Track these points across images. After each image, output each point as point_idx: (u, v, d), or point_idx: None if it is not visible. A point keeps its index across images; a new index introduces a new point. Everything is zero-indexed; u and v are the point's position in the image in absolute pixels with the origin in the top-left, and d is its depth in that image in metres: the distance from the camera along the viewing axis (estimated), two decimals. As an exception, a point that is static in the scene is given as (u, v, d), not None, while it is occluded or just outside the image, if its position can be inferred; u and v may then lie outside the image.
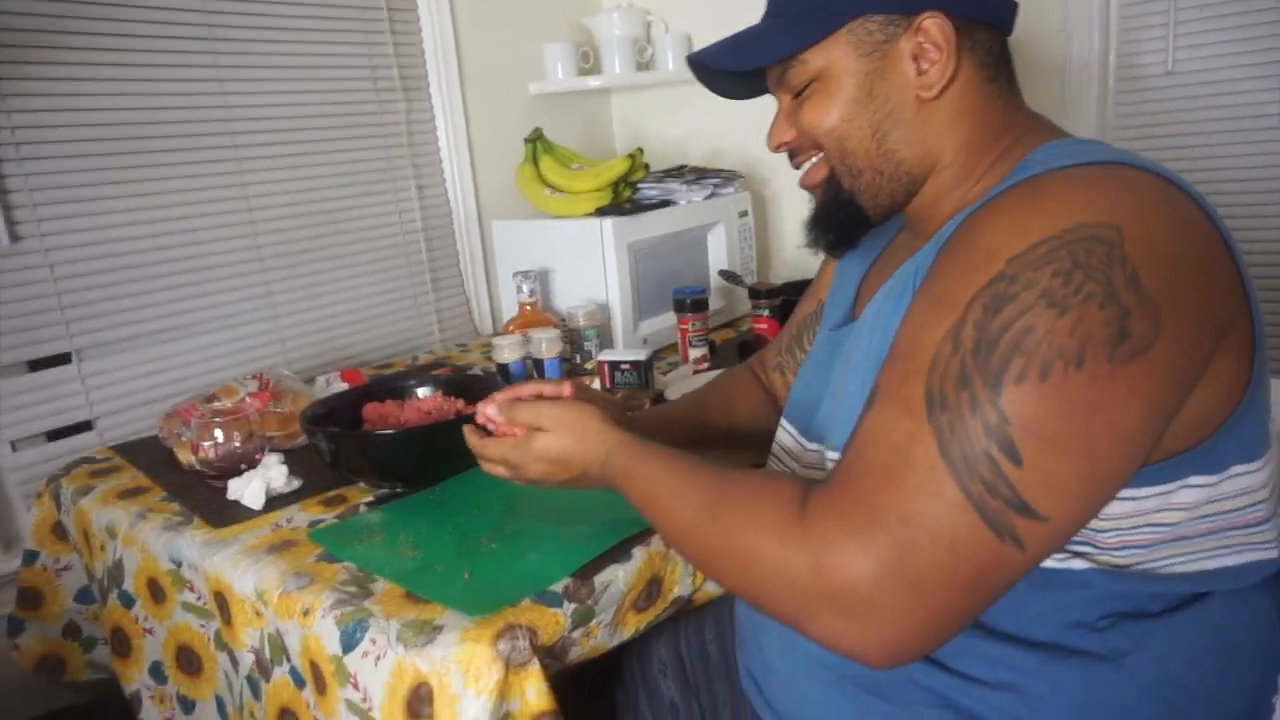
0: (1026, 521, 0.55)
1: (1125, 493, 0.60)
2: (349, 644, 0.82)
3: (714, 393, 1.09)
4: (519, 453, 0.83)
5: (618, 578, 0.88)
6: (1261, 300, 0.64)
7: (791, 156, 0.80)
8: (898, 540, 0.55)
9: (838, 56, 0.72)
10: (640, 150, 1.72)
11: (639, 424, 0.98)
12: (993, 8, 0.72)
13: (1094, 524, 0.61)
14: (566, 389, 0.89)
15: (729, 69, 0.78)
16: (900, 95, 0.72)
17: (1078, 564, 0.62)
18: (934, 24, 0.69)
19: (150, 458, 1.29)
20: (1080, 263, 0.55)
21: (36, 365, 1.39)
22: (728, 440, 1.04)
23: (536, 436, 0.82)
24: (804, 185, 0.80)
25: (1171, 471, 0.60)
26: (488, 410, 0.88)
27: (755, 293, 1.55)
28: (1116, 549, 0.62)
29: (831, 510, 0.59)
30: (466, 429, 0.90)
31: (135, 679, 1.13)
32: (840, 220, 0.77)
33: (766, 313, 1.54)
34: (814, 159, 0.77)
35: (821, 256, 1.01)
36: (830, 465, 0.76)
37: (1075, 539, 0.62)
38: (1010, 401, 0.54)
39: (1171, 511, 0.61)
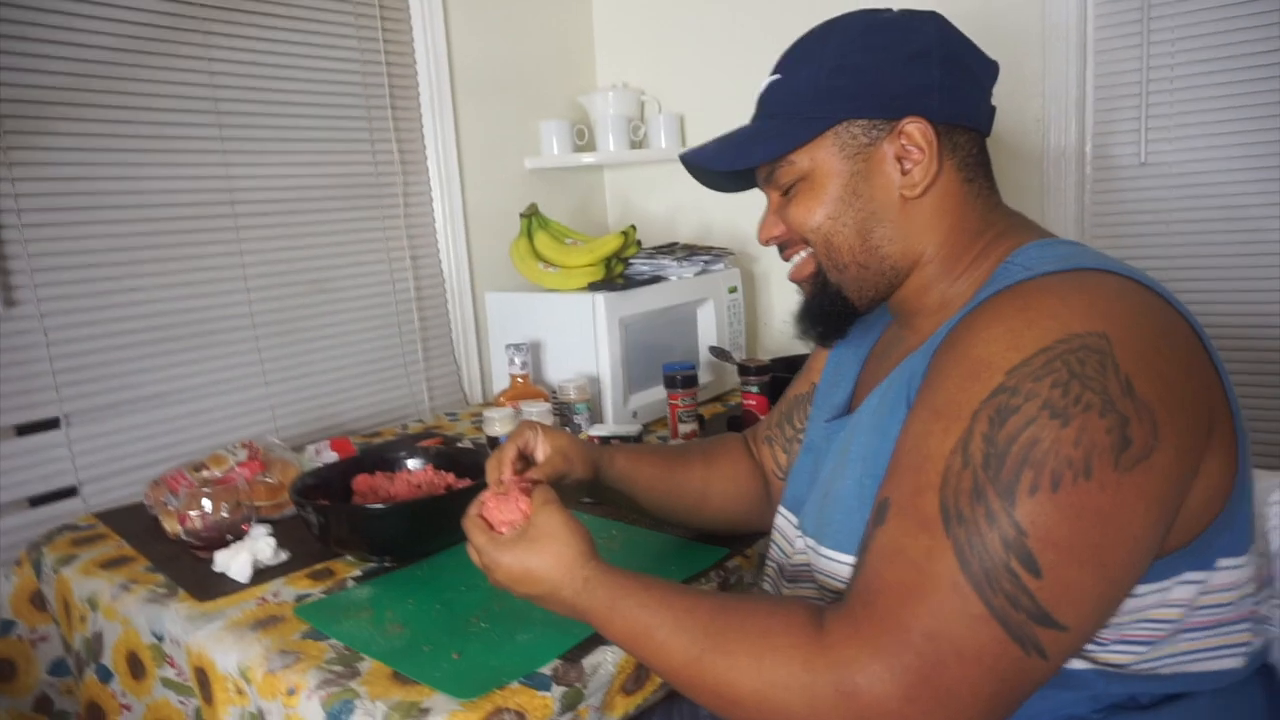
0: (1048, 631, 0.56)
1: None
2: (334, 726, 0.81)
3: (700, 447, 1.11)
4: (494, 552, 0.79)
5: (606, 660, 0.87)
6: (1241, 390, 0.67)
7: (781, 249, 0.84)
8: (925, 658, 0.56)
9: (824, 158, 0.76)
10: (633, 227, 1.76)
11: (615, 459, 1.00)
12: (972, 112, 0.77)
13: None
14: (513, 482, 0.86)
15: (722, 169, 0.81)
16: (884, 195, 0.75)
17: (1078, 664, 0.63)
18: (916, 128, 0.73)
19: (136, 526, 1.28)
20: (1076, 373, 0.57)
21: (24, 430, 1.38)
22: (701, 495, 1.05)
23: (515, 542, 0.79)
24: (793, 279, 0.83)
25: (1167, 569, 0.62)
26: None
27: (744, 369, 1.57)
28: (1114, 644, 0.63)
29: (855, 632, 0.59)
30: (479, 498, 0.87)
31: (108, 757, 1.10)
32: (829, 312, 0.81)
33: (755, 389, 1.56)
34: (802, 254, 0.81)
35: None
36: (821, 561, 0.77)
37: None
38: (1025, 513, 0.56)
39: (1168, 608, 0.63)
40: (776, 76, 0.80)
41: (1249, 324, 1.63)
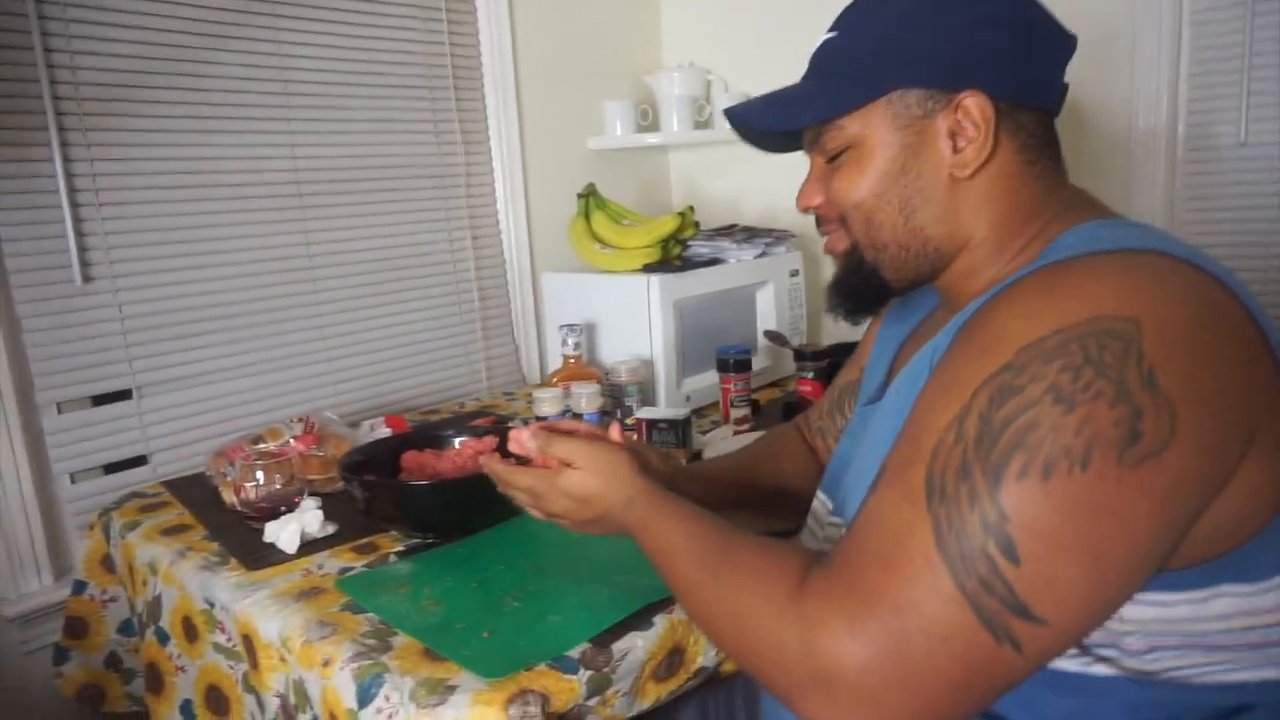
0: (1025, 624, 0.53)
1: (1151, 597, 0.57)
2: (364, 699, 0.81)
3: (762, 450, 1.08)
4: (546, 484, 0.82)
5: (637, 646, 0.86)
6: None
7: (818, 222, 0.80)
8: (889, 630, 0.54)
9: (874, 126, 0.71)
10: (691, 208, 1.73)
11: (685, 475, 0.98)
12: (1038, 91, 0.71)
13: (1117, 626, 0.58)
14: (614, 431, 0.89)
15: (765, 128, 0.78)
16: (933, 173, 0.71)
17: (1102, 669, 0.59)
18: (974, 103, 0.68)
19: (197, 495, 1.32)
20: (1091, 358, 0.53)
21: (99, 400, 1.44)
22: (777, 496, 1.02)
23: (565, 472, 0.81)
24: (828, 251, 0.80)
25: (1202, 578, 0.57)
26: (522, 436, 0.86)
27: (800, 354, 1.53)
28: (1144, 654, 0.59)
29: (827, 591, 0.58)
30: (491, 458, 0.90)
31: (166, 716, 1.15)
32: (861, 290, 0.77)
33: (811, 375, 1.52)
34: (838, 229, 0.77)
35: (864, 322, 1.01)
36: None
37: (1099, 642, 0.59)
38: (1010, 498, 0.53)
39: (1206, 622, 0.58)
40: (833, 34, 0.75)
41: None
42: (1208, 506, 0.55)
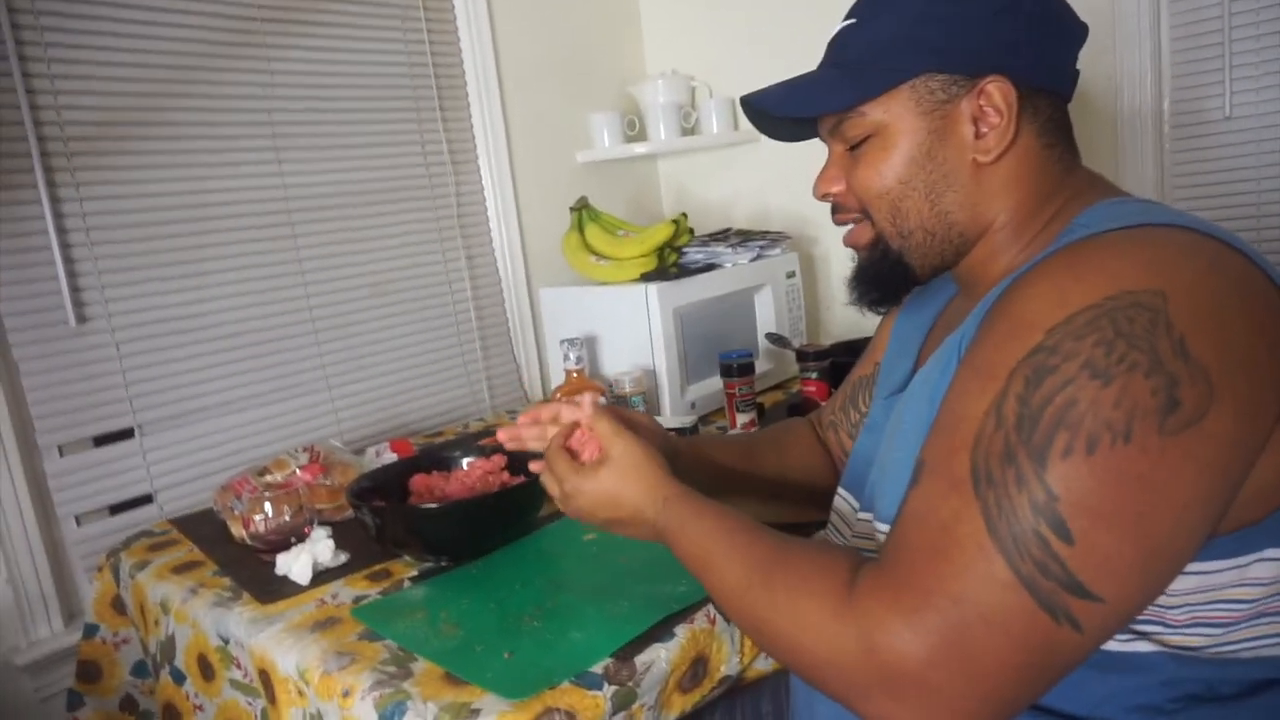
0: (1082, 602, 0.53)
1: (1193, 566, 0.57)
2: (387, 728, 0.80)
3: (769, 436, 1.07)
4: (576, 479, 0.82)
5: (660, 658, 0.85)
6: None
7: (834, 210, 0.79)
8: (948, 621, 0.54)
9: (898, 113, 0.71)
10: (684, 215, 1.73)
11: (687, 449, 0.97)
12: (1055, 76, 0.72)
13: (1161, 599, 0.58)
14: (585, 403, 0.87)
15: (785, 115, 0.77)
16: (957, 157, 0.71)
17: (1144, 646, 0.59)
18: (997, 88, 0.69)
19: (206, 531, 1.31)
20: (1123, 331, 0.53)
21: (101, 440, 1.43)
22: (778, 484, 1.01)
23: (595, 470, 0.81)
24: (848, 244, 0.79)
25: (1244, 544, 0.57)
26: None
27: (803, 355, 1.53)
28: (1187, 627, 0.58)
29: (881, 588, 0.57)
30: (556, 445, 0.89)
31: (185, 756, 1.13)
32: (886, 278, 0.77)
33: (815, 375, 1.51)
34: (858, 219, 0.77)
35: (877, 318, 1.01)
36: (879, 535, 0.74)
37: (1143, 618, 0.59)
38: (1057, 477, 0.53)
39: (1248, 587, 0.58)
40: (851, 21, 0.75)
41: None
42: (1249, 471, 0.55)
